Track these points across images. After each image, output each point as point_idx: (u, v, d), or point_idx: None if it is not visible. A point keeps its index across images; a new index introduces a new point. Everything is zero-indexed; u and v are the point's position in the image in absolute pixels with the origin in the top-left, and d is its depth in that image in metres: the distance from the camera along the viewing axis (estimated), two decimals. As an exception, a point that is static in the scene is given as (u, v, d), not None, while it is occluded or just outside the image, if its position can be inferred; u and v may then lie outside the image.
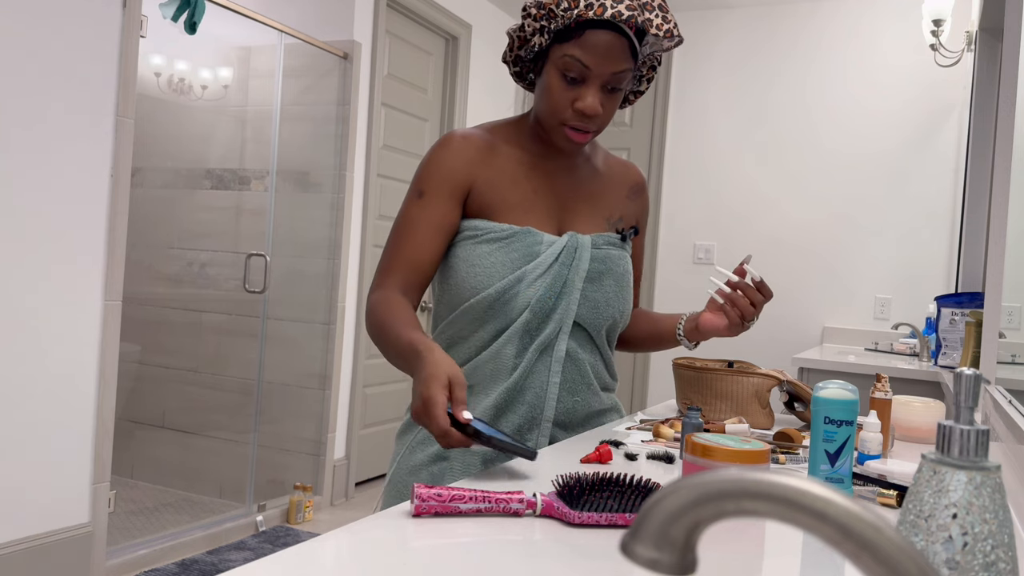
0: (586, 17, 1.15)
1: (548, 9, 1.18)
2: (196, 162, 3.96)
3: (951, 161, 4.09)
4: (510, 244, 1.22)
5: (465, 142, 1.26)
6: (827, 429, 1.00)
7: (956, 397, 0.55)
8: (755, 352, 4.48)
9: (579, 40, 1.17)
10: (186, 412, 3.87)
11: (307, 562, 0.68)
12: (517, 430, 1.24)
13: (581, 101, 1.19)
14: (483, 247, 1.23)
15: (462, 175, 1.24)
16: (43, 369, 2.52)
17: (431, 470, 1.24)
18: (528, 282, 1.22)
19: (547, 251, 1.23)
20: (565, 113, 1.21)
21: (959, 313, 2.91)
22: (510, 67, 1.31)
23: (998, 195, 1.75)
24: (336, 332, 3.75)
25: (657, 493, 0.37)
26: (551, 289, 1.23)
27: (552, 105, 1.21)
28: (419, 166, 1.27)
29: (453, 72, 4.51)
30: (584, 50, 1.17)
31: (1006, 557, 0.51)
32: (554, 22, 1.18)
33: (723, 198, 4.58)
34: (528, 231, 1.23)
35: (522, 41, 1.25)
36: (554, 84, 1.20)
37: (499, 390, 1.23)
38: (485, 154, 1.27)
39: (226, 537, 3.22)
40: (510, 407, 1.24)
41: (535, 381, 1.24)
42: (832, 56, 4.37)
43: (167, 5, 2.82)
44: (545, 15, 1.18)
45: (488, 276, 1.21)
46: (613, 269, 1.29)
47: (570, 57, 1.18)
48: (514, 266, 1.22)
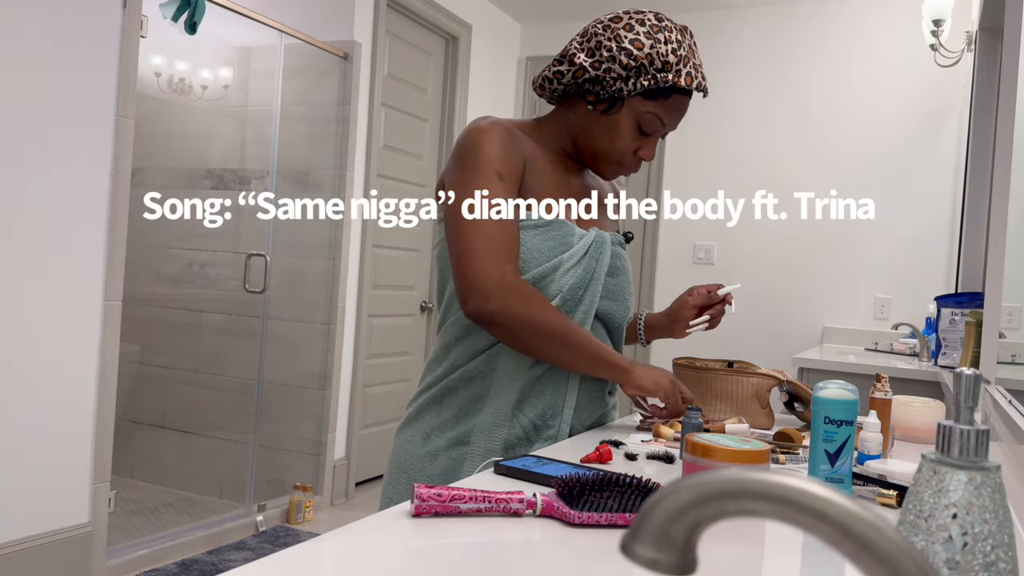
0: (678, 85, 1.25)
1: (640, 65, 1.24)
2: (196, 162, 3.96)
3: (951, 161, 4.09)
4: (547, 232, 1.26)
5: (508, 130, 1.28)
6: (827, 429, 1.00)
7: (956, 397, 0.55)
8: (755, 352, 4.48)
9: (666, 102, 1.27)
10: (186, 412, 3.87)
11: (307, 562, 0.68)
12: (540, 416, 1.26)
13: (644, 151, 1.31)
14: (524, 234, 1.25)
15: (519, 160, 1.28)
16: (43, 369, 2.52)
17: (449, 455, 1.26)
18: (563, 270, 1.26)
19: (579, 243, 1.28)
20: (627, 158, 1.31)
21: (959, 313, 2.91)
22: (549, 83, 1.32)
23: (998, 195, 1.75)
24: (336, 332, 3.75)
25: (657, 493, 0.37)
26: (582, 279, 1.28)
27: (619, 148, 1.30)
28: (475, 150, 1.25)
29: (453, 72, 4.51)
30: (667, 112, 1.28)
31: (1006, 557, 0.51)
32: (644, 79, 1.25)
33: (723, 197, 4.58)
34: (562, 222, 1.28)
35: (592, 79, 1.27)
36: (627, 131, 1.29)
37: (523, 377, 1.26)
38: (527, 144, 1.31)
39: (226, 537, 3.22)
40: (534, 393, 1.27)
41: (559, 370, 1.28)
42: (832, 56, 4.36)
43: (167, 5, 2.82)
44: (635, 69, 1.24)
45: (527, 261, 1.25)
46: (624, 268, 1.38)
47: (653, 115, 1.27)
48: (551, 254, 1.26)
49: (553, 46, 5.05)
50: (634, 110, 1.27)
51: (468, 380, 1.27)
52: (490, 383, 1.26)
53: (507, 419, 1.25)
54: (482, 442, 1.24)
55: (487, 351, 1.27)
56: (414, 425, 1.31)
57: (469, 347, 1.28)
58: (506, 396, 1.25)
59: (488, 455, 1.23)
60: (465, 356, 1.28)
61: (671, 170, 4.74)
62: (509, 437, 1.24)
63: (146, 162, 3.88)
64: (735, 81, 4.59)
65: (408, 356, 4.40)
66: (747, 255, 4.53)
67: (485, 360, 1.27)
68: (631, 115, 1.27)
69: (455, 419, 1.27)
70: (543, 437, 1.26)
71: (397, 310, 4.25)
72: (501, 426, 1.24)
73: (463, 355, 1.28)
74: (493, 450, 1.23)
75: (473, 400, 1.27)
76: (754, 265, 4.51)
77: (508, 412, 1.25)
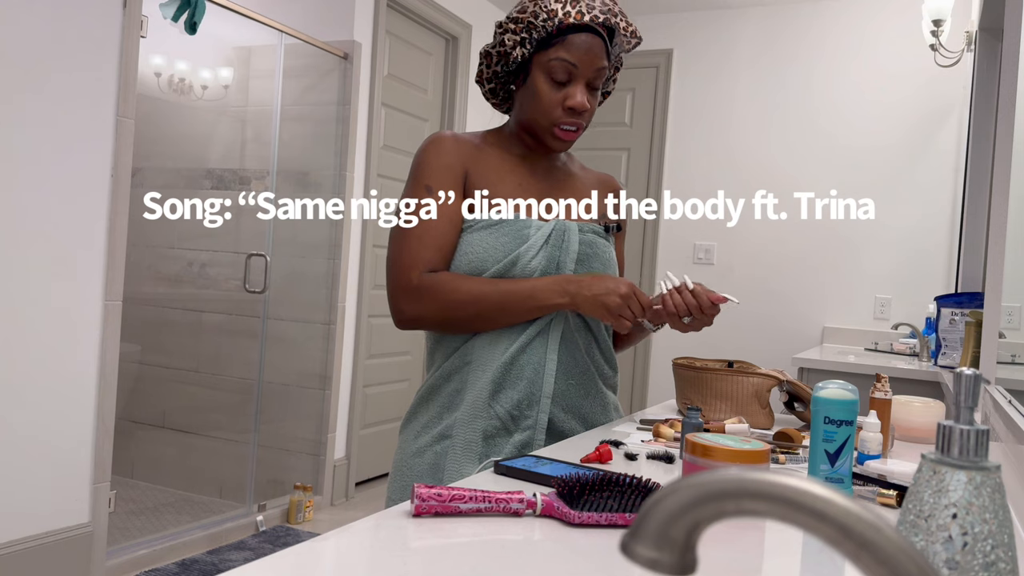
0: (567, 23, 1.26)
1: (527, 23, 1.27)
2: (196, 162, 3.96)
3: (951, 161, 4.09)
4: (500, 230, 1.28)
5: (455, 139, 1.33)
6: (827, 429, 1.00)
7: (956, 397, 0.55)
8: (755, 352, 4.48)
9: (563, 44, 1.27)
10: (186, 412, 3.87)
11: (307, 562, 0.68)
12: (516, 406, 1.27)
13: (571, 99, 1.28)
14: (476, 235, 1.28)
15: (459, 168, 1.31)
16: (43, 369, 2.52)
17: (434, 449, 1.28)
18: (523, 264, 1.27)
19: (537, 234, 1.29)
20: (555, 113, 1.29)
21: (959, 313, 2.91)
22: (483, 86, 1.37)
23: (998, 195, 1.75)
24: (336, 332, 3.75)
25: (657, 493, 0.37)
26: (545, 271, 1.29)
27: (543, 107, 1.29)
28: (414, 167, 1.33)
29: (453, 72, 4.51)
30: (569, 52, 1.26)
31: (1006, 557, 0.51)
32: (535, 32, 1.27)
33: (723, 197, 4.58)
34: (516, 218, 1.30)
35: (501, 56, 1.32)
36: (543, 88, 1.29)
37: (495, 366, 1.27)
38: (474, 150, 1.34)
39: (226, 537, 3.22)
40: (508, 382, 1.27)
41: (532, 358, 1.28)
42: (832, 56, 4.36)
43: (167, 5, 2.82)
44: (524, 28, 1.27)
45: (482, 260, 1.27)
46: (600, 255, 1.35)
47: (556, 60, 1.27)
48: (507, 250, 1.27)
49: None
50: (540, 66, 1.28)
51: (447, 377, 1.31)
52: (466, 377, 1.30)
53: (484, 410, 1.27)
54: (462, 434, 1.26)
55: (461, 347, 1.31)
56: (408, 426, 1.35)
57: (447, 346, 1.33)
58: (481, 387, 1.27)
59: (469, 447, 1.26)
60: (443, 355, 1.33)
61: (671, 170, 4.74)
62: (488, 428, 1.26)
63: (146, 162, 3.88)
64: (735, 81, 4.59)
65: (408, 356, 4.40)
66: (747, 255, 4.53)
67: (460, 356, 1.30)
68: (540, 72, 1.28)
69: (439, 416, 1.31)
70: (521, 427, 1.27)
71: (397, 310, 4.25)
72: (479, 417, 1.26)
73: (442, 354, 1.33)
74: (473, 441, 1.26)
75: (453, 395, 1.31)
76: (754, 265, 4.51)
77: (484, 403, 1.27)
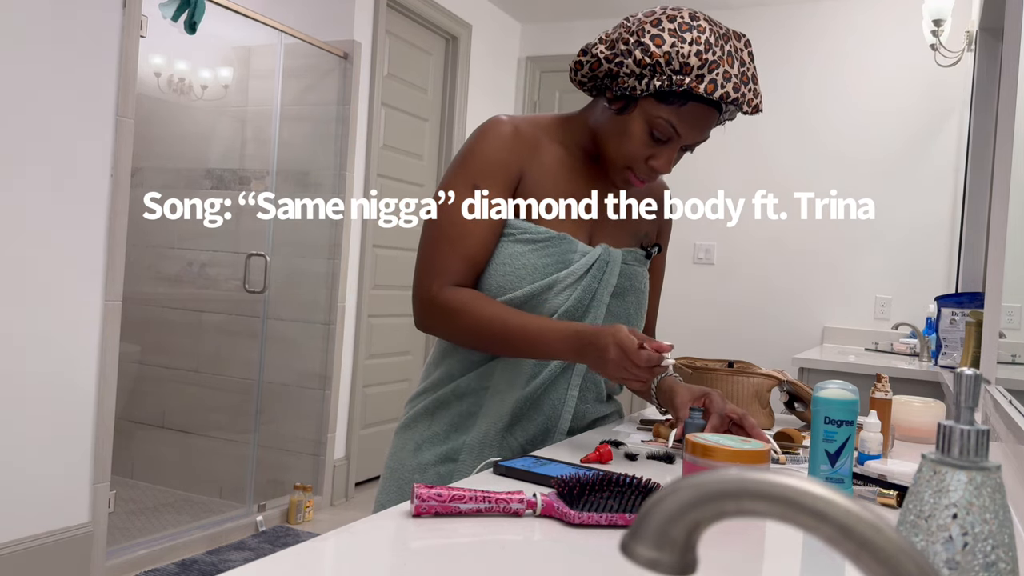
0: (695, 91, 1.11)
1: (656, 63, 1.12)
2: (196, 162, 3.96)
3: (951, 161, 4.09)
4: (545, 248, 1.19)
5: (515, 133, 1.21)
6: (827, 429, 1.00)
7: (956, 397, 0.55)
8: (755, 352, 4.48)
9: (679, 108, 1.14)
10: (186, 412, 3.87)
11: (307, 562, 0.68)
12: (530, 440, 1.22)
13: (656, 160, 1.18)
14: (518, 247, 1.19)
15: (515, 168, 1.20)
16: (43, 369, 2.52)
17: (438, 470, 1.23)
18: (557, 290, 1.19)
19: (580, 260, 1.21)
20: (637, 163, 1.19)
21: (959, 313, 2.91)
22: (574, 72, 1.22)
23: (998, 195, 1.75)
24: (336, 332, 3.75)
25: (657, 493, 0.37)
26: (580, 301, 1.21)
27: (628, 153, 1.19)
28: (466, 152, 1.21)
29: (453, 72, 4.51)
30: (681, 120, 1.15)
31: (1006, 557, 0.51)
32: (658, 79, 1.12)
33: (723, 197, 4.58)
34: (564, 237, 1.20)
35: (609, 73, 1.18)
36: (637, 135, 1.17)
37: (515, 398, 1.21)
38: (533, 148, 1.23)
39: (226, 537, 3.22)
40: (526, 416, 1.22)
41: (554, 393, 1.23)
42: (832, 56, 4.36)
43: (167, 5, 2.82)
44: (650, 67, 1.12)
45: (519, 278, 1.18)
46: (636, 286, 1.28)
47: (665, 121, 1.15)
48: (546, 271, 1.19)
49: (553, 46, 5.06)
50: (646, 113, 1.15)
51: (460, 395, 1.24)
52: (482, 401, 1.22)
53: (497, 440, 1.21)
54: (470, 461, 1.21)
55: (482, 366, 1.23)
56: (408, 432, 1.28)
57: (465, 357, 1.24)
58: (498, 417, 1.21)
59: None
60: (460, 367, 1.25)
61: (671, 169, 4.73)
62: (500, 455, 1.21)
63: (146, 162, 3.87)
64: (735, 81, 4.59)
65: (408, 356, 4.40)
66: (747, 255, 4.53)
67: (479, 377, 1.23)
68: (643, 118, 1.16)
69: (446, 434, 1.24)
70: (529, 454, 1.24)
71: (397, 310, 4.25)
72: (490, 447, 1.21)
73: (458, 365, 1.25)
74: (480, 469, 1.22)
75: (464, 416, 1.23)
76: (754, 265, 4.51)
77: (499, 433, 1.21)
